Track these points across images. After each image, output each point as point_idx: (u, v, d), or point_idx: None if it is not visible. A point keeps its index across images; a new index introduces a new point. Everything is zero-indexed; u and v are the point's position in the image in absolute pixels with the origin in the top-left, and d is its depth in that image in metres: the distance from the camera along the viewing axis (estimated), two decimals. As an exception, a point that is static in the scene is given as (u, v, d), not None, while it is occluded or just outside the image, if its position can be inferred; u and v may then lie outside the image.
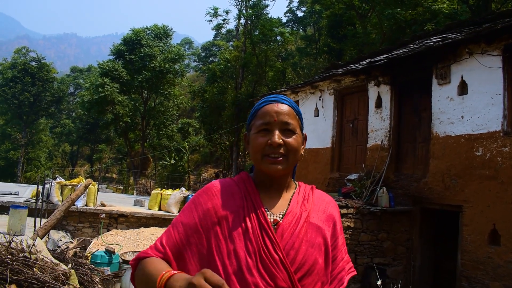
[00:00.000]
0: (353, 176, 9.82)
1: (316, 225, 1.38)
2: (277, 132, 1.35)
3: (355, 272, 1.48)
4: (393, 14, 16.19)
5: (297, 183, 1.50)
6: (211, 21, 30.49)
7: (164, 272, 1.16)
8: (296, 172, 1.55)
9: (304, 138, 1.46)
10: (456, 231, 7.81)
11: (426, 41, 9.13)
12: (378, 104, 9.77)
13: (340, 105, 11.36)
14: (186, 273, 1.26)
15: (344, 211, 7.97)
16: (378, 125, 9.71)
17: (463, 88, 7.78)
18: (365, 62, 10.48)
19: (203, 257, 1.31)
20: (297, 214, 1.37)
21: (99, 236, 11.11)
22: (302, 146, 1.43)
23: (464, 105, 7.69)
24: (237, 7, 28.43)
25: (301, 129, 1.43)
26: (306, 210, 1.39)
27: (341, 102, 11.37)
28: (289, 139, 1.36)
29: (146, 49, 30.84)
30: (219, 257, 1.28)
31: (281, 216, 1.37)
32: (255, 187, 1.41)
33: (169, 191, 14.45)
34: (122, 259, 8.39)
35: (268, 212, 1.37)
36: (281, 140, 1.34)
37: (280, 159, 1.35)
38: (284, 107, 1.39)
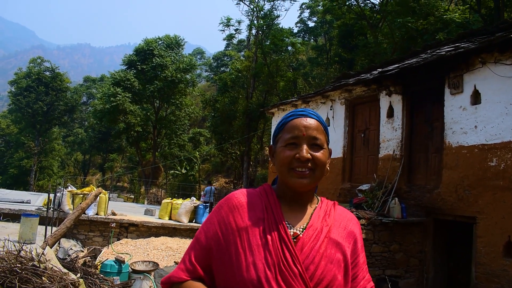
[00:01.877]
0: (365, 187, 9.72)
1: (336, 241, 1.37)
2: (305, 147, 1.35)
3: None
4: (404, 23, 16.16)
5: (319, 198, 1.49)
6: (223, 30, 30.71)
7: None
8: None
9: (330, 153, 1.45)
10: (470, 243, 7.66)
11: (438, 51, 9.05)
12: (390, 114, 9.69)
13: (351, 115, 11.30)
14: (213, 283, 1.34)
15: (355, 222, 7.87)
16: (390, 135, 9.62)
17: (476, 98, 7.68)
18: (377, 72, 10.42)
19: (225, 268, 1.30)
20: (318, 228, 1.36)
21: (109, 245, 11.12)
22: (328, 161, 1.42)
23: (477, 115, 7.58)
24: (249, 17, 28.62)
25: (327, 144, 1.43)
26: (327, 225, 1.38)
27: (352, 112, 11.30)
28: (317, 154, 1.35)
29: (158, 59, 31.15)
30: (238, 269, 1.27)
31: (301, 229, 1.36)
32: (277, 199, 1.40)
33: (180, 201, 14.42)
34: (131, 268, 8.37)
35: (288, 225, 1.36)
36: (309, 155, 1.34)
37: (307, 173, 1.34)
38: (312, 122, 1.39)
